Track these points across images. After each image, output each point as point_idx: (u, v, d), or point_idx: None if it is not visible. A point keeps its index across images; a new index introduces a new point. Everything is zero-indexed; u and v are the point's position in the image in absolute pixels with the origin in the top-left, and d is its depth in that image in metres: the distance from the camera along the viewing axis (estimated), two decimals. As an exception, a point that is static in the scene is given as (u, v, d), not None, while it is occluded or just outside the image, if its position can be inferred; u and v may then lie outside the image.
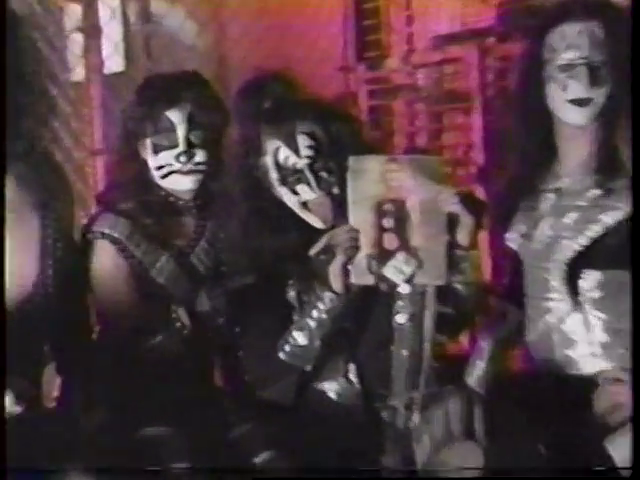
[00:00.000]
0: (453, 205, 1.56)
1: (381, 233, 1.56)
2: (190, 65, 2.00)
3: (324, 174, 1.63)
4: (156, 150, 1.75)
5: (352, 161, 1.57)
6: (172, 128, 1.73)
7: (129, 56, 2.54)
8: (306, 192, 1.65)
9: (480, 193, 2.39)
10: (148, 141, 1.75)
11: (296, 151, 1.66)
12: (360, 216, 1.52)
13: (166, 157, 1.74)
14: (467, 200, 1.59)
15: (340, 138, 1.68)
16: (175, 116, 1.74)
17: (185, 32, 2.64)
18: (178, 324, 1.71)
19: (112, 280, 1.72)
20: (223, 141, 1.76)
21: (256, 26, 2.73)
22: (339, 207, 1.60)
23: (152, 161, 1.75)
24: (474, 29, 2.65)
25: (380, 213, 1.56)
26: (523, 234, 1.68)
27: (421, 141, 2.93)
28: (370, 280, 1.57)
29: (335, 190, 1.62)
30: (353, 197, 1.53)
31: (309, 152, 1.66)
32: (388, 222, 1.57)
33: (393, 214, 1.58)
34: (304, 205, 1.66)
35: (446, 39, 2.74)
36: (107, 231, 1.74)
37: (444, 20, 2.79)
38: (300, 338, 1.61)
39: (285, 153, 1.66)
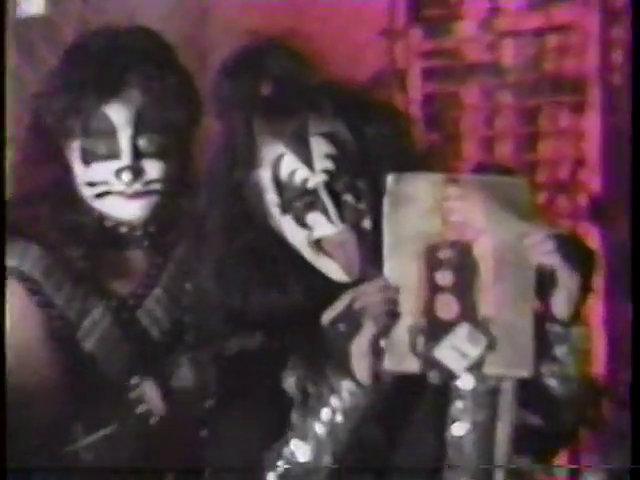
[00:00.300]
0: (547, 254, 1.62)
1: (434, 294, 1.62)
2: (146, 18, 2.14)
3: (349, 198, 1.71)
4: (87, 159, 1.84)
5: (392, 181, 1.63)
6: (111, 130, 1.83)
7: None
8: (321, 225, 1.72)
9: (592, 237, 2.54)
10: (76, 144, 1.85)
11: (308, 162, 1.71)
12: (402, 266, 1.60)
13: (101, 171, 1.84)
14: (570, 247, 1.65)
15: (376, 144, 1.76)
16: (116, 112, 1.83)
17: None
18: (140, 408, 1.83)
19: (22, 341, 1.86)
20: (191, 147, 1.88)
21: None
22: (371, 250, 1.67)
23: (81, 173, 1.85)
24: None
25: (433, 263, 1.62)
26: None
27: (503, 152, 3.16)
28: (414, 366, 1.64)
29: (366, 224, 1.69)
30: (392, 236, 1.61)
31: (328, 164, 1.72)
32: (444, 277, 1.63)
33: (453, 265, 1.64)
34: (317, 245, 1.72)
35: None
36: (14, 264, 1.83)
37: None
38: (301, 451, 1.68)
39: (291, 165, 1.72)
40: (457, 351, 1.66)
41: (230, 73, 1.80)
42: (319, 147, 1.73)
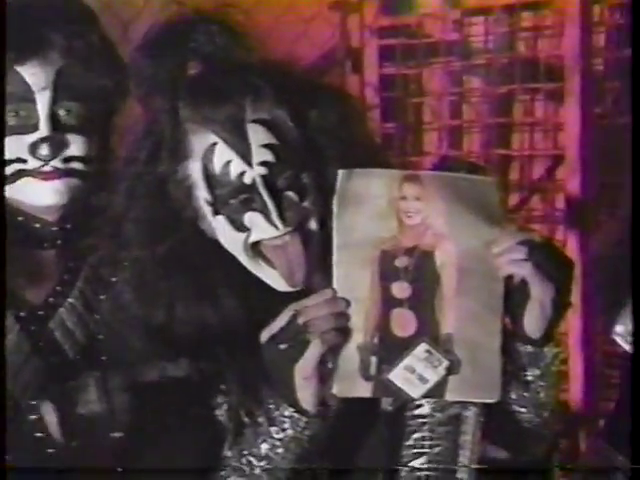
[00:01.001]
0: (517, 264, 1.63)
1: (388, 308, 1.63)
2: None
3: (292, 195, 1.71)
4: None
5: (343, 178, 1.64)
6: (27, 95, 1.86)
7: None
8: (260, 226, 1.72)
9: (569, 244, 2.56)
10: None
11: (244, 153, 1.71)
12: (352, 275, 1.60)
13: (14, 146, 1.85)
14: (544, 256, 1.66)
15: (323, 133, 1.77)
16: (33, 74, 1.85)
17: None
18: (39, 434, 1.85)
19: None
20: (115, 126, 1.90)
21: None
22: (317, 256, 1.69)
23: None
24: None
25: (388, 272, 1.62)
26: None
27: (470, 145, 3.18)
28: (365, 391, 1.64)
29: (311, 225, 1.70)
30: (342, 240, 1.61)
31: (267, 156, 1.72)
32: (401, 289, 1.64)
33: (410, 275, 1.65)
34: (255, 249, 1.73)
35: None
36: None
37: None
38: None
39: (225, 156, 1.71)
40: (414, 374, 1.68)
41: (151, 50, 1.81)
42: (257, 136, 1.73)
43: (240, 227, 1.74)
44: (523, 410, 1.79)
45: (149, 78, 1.82)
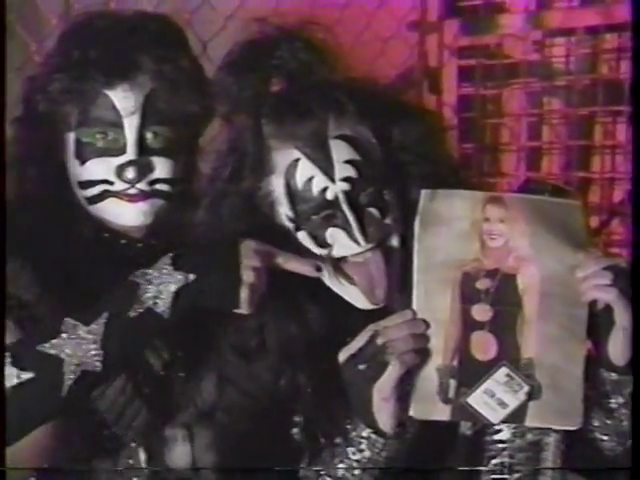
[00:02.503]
0: (602, 289, 1.63)
1: (469, 330, 1.64)
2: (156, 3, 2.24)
3: (374, 212, 1.73)
4: (83, 154, 1.86)
5: (426, 198, 1.64)
6: (116, 119, 1.86)
7: None
8: (342, 243, 1.73)
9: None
10: (71, 136, 1.87)
11: (327, 169, 1.73)
12: (433, 296, 1.60)
13: (101, 168, 1.87)
14: (628, 281, 1.67)
15: (404, 150, 1.78)
16: (122, 98, 1.87)
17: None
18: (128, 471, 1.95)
19: None
20: (201, 142, 1.93)
21: None
22: (398, 274, 1.71)
23: (75, 171, 1.88)
24: None
25: (469, 294, 1.63)
26: None
27: (550, 167, 3.24)
28: (444, 414, 1.64)
29: (393, 242, 1.70)
30: (423, 260, 1.61)
31: (350, 172, 1.73)
32: (482, 311, 1.65)
33: (492, 298, 1.66)
34: (336, 266, 1.74)
35: None
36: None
37: None
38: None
39: (307, 172, 1.73)
40: (494, 398, 1.67)
41: (235, 68, 1.84)
42: (339, 152, 1.74)
43: (322, 243, 1.75)
44: (605, 438, 1.78)
45: (233, 96, 1.85)
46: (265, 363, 1.83)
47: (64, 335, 1.82)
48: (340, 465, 1.75)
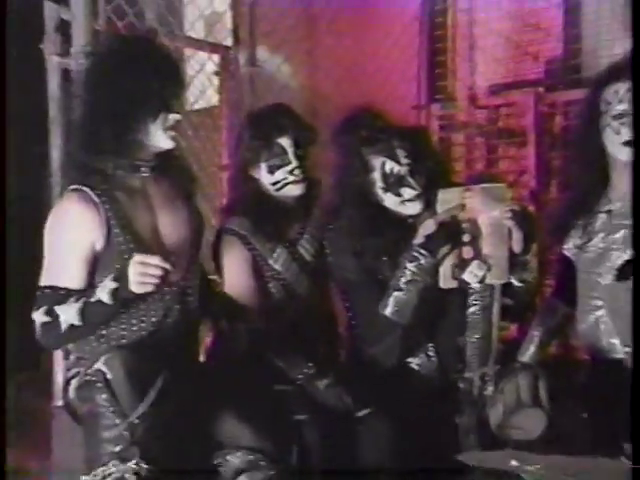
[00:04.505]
0: (508, 220, 1.85)
1: (461, 246, 1.89)
2: (285, 100, 2.53)
3: (419, 178, 2.02)
4: (272, 170, 2.15)
5: (441, 193, 1.92)
6: (284, 151, 2.15)
7: (240, 91, 3.19)
8: (408, 192, 1.98)
9: (532, 210, 2.74)
10: (263, 165, 2.15)
11: (398, 161, 2.00)
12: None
13: (281, 174, 2.15)
14: (518, 216, 1.87)
15: (421, 158, 2.03)
16: (285, 142, 2.17)
17: (281, 73, 3.30)
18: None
19: (239, 270, 2.13)
20: (312, 154, 2.28)
21: (342, 70, 3.31)
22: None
23: (267, 179, 2.16)
24: (527, 80, 3.32)
25: (460, 230, 1.92)
26: (578, 245, 2.03)
27: (478, 168, 3.37)
28: (454, 284, 1.90)
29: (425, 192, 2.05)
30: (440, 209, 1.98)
31: (407, 160, 2.00)
32: (466, 237, 1.89)
33: (470, 231, 1.88)
34: (405, 203, 2.00)
35: (502, 87, 3.46)
36: (235, 228, 2.16)
37: (501, 71, 3.45)
38: (399, 297, 1.92)
39: (390, 165, 1.98)
40: (473, 274, 1.90)
41: (344, 127, 2.12)
42: (402, 153, 1.98)
43: (398, 195, 2.06)
44: (518, 285, 1.97)
45: (344, 139, 2.05)
46: None
47: None
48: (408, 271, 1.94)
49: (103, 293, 1.63)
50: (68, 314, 1.70)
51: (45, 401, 2.30)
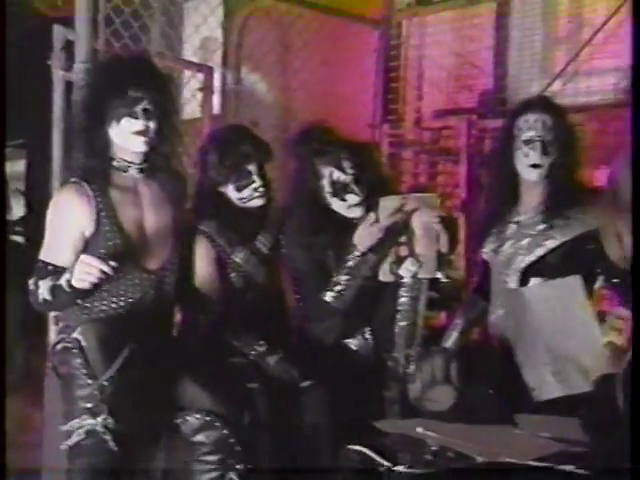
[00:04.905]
0: (437, 224, 1.97)
1: (398, 245, 2.00)
2: (260, 113, 2.84)
3: (357, 187, 2.12)
4: (239, 189, 2.23)
5: (381, 200, 2.01)
6: (250, 174, 2.23)
7: (223, 106, 3.36)
8: (352, 198, 2.07)
9: (460, 218, 2.89)
10: (231, 186, 2.20)
11: (344, 171, 2.08)
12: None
13: (248, 192, 2.24)
14: (445, 221, 1.99)
15: (365, 167, 2.15)
16: (252, 167, 2.24)
17: (258, 91, 3.41)
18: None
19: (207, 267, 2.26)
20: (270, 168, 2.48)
21: (309, 90, 3.42)
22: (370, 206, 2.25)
23: (234, 195, 2.23)
24: (463, 108, 3.57)
25: (398, 232, 2.03)
26: (493, 249, 2.20)
27: (422, 180, 3.61)
28: (391, 278, 1.98)
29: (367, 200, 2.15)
30: (383, 214, 2.06)
31: (352, 170, 2.08)
32: (403, 238, 1.96)
33: (405, 232, 1.94)
34: (349, 208, 2.09)
35: (443, 112, 3.68)
36: (204, 229, 2.22)
37: (443, 99, 3.67)
38: (341, 284, 2.01)
39: (337, 174, 2.06)
40: (407, 270, 1.98)
41: (298, 140, 2.20)
42: (347, 164, 2.07)
43: (344, 200, 2.10)
44: (444, 280, 2.02)
45: (299, 151, 2.12)
46: None
47: None
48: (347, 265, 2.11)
49: (63, 280, 1.75)
50: (43, 288, 1.84)
51: (42, 362, 2.42)
